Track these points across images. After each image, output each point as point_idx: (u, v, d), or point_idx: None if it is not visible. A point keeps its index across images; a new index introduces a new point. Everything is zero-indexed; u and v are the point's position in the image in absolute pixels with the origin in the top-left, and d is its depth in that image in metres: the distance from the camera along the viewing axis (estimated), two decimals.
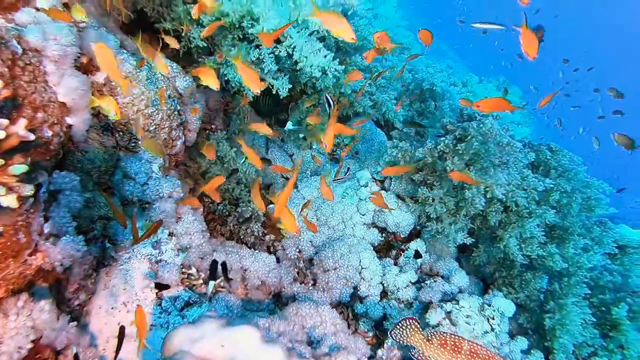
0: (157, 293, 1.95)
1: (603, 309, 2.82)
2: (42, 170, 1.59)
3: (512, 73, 7.68)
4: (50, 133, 1.60)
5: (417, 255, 2.56)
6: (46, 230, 1.54)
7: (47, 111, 1.59)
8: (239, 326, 1.30)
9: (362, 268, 2.44)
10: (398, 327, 1.60)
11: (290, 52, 2.13)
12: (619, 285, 2.97)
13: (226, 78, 2.40)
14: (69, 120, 1.73)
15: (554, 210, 2.64)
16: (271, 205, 2.61)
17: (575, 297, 2.57)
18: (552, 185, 2.64)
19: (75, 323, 1.59)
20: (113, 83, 1.98)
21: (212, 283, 1.84)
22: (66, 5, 1.91)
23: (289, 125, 2.77)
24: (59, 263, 1.58)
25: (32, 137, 1.21)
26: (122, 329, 1.62)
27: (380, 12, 5.99)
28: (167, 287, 1.89)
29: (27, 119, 1.49)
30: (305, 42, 2.06)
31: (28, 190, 1.21)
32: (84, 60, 1.88)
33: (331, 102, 2.40)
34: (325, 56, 2.10)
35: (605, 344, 2.69)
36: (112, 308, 1.96)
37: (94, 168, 1.95)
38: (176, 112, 2.14)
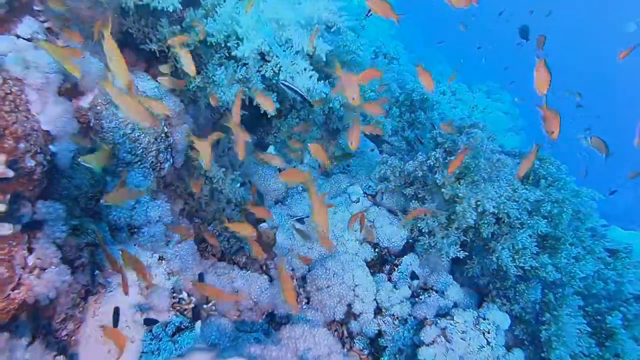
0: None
1: (598, 317, 2.82)
2: (25, 202, 1.57)
3: (502, 79, 7.76)
4: (33, 163, 1.57)
5: (414, 276, 2.54)
6: (30, 263, 1.51)
7: (29, 141, 1.56)
8: (229, 359, 1.27)
9: (356, 285, 2.41)
10: None
11: (277, 71, 2.12)
12: (612, 292, 2.98)
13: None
14: (53, 148, 1.70)
15: (546, 220, 2.64)
16: (263, 224, 2.58)
17: (570, 307, 2.57)
18: (542, 197, 2.64)
19: (62, 357, 1.55)
20: (98, 107, 1.96)
21: (198, 323, 1.82)
22: (49, 30, 1.90)
23: (271, 149, 2.76)
24: (44, 296, 1.55)
25: (11, 174, 1.19)
26: (116, 310, 1.62)
27: (369, 22, 6.03)
28: (155, 322, 1.86)
29: (9, 150, 1.47)
30: (292, 62, 2.06)
31: (7, 229, 1.18)
32: (68, 85, 1.86)
33: (298, 90, 2.07)
34: (311, 77, 2.09)
35: (601, 353, 2.68)
36: (102, 336, 1.92)
37: (80, 194, 1.92)
38: (163, 134, 2.12)
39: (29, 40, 1.67)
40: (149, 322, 1.84)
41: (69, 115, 1.73)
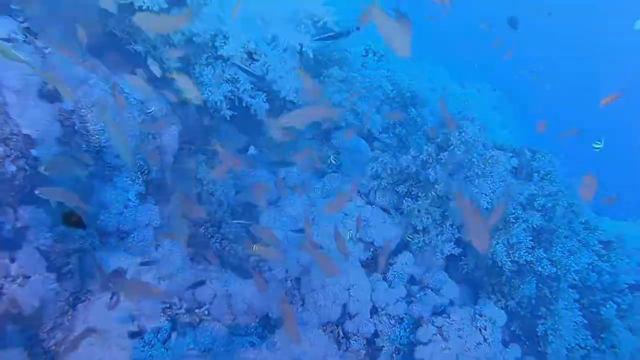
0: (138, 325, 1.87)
1: (593, 309, 2.82)
2: (6, 208, 1.52)
3: (495, 78, 7.79)
4: (14, 168, 1.52)
5: (413, 281, 2.53)
6: (12, 272, 1.46)
7: (9, 145, 1.51)
8: None
9: (351, 285, 2.38)
10: None
11: (266, 71, 2.09)
12: (607, 284, 2.98)
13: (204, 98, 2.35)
14: (35, 152, 1.65)
15: (540, 214, 2.63)
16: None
17: (566, 301, 2.56)
18: (536, 191, 2.64)
19: None
20: (83, 110, 1.91)
21: (174, 334, 1.80)
22: (28, 30, 1.85)
23: (252, 150, 2.71)
24: (28, 305, 1.50)
25: None
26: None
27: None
28: (140, 334, 1.82)
29: None
30: (281, 61, 2.02)
31: None
32: (50, 87, 1.81)
33: (249, 70, 2.00)
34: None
35: (597, 345, 2.68)
36: (91, 344, 1.88)
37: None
38: (150, 137, 2.08)
39: (6, 40, 1.62)
40: (133, 336, 1.79)
41: (51, 119, 1.68)
